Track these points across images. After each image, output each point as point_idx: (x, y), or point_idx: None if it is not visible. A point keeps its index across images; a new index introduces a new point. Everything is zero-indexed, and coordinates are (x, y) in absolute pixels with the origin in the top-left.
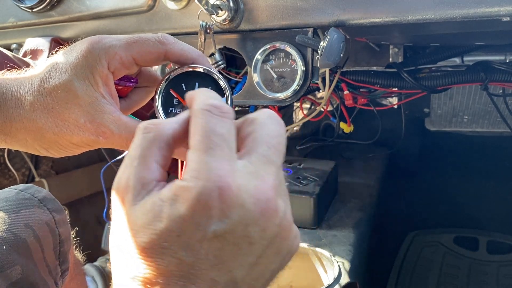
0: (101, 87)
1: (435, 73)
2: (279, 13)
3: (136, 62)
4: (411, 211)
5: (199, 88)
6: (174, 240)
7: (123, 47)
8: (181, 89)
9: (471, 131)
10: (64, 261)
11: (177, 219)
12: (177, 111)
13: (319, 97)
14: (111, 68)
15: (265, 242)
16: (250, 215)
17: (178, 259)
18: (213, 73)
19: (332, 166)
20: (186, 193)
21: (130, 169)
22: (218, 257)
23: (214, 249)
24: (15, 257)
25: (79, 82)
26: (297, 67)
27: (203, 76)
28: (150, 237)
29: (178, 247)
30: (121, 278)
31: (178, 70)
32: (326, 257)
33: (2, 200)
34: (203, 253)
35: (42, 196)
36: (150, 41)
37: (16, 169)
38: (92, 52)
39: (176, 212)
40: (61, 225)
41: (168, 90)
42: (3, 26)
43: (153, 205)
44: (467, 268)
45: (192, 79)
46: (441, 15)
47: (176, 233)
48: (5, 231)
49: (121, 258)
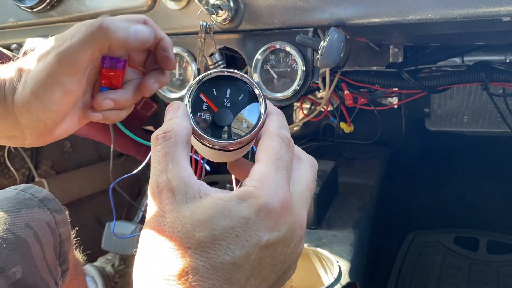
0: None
1: (435, 73)
2: (279, 13)
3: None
4: (411, 211)
5: (230, 93)
6: (232, 239)
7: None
8: (212, 94)
9: (471, 131)
10: (64, 261)
11: (241, 219)
12: (206, 116)
13: (319, 97)
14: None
15: (287, 265)
16: (290, 236)
17: (232, 257)
18: (247, 78)
19: (332, 166)
20: (253, 198)
21: (167, 172)
22: (259, 266)
23: (259, 257)
24: (16, 257)
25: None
26: (297, 67)
27: (235, 81)
28: (212, 232)
29: (235, 246)
30: (161, 273)
31: (212, 73)
32: (326, 257)
33: (2, 200)
34: (252, 258)
35: (43, 196)
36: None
37: (16, 169)
38: None
39: (241, 213)
40: (61, 225)
41: (198, 94)
42: (3, 26)
43: (213, 204)
44: (467, 268)
45: (224, 84)
46: (441, 15)
47: (237, 232)
48: (5, 231)
49: (164, 251)
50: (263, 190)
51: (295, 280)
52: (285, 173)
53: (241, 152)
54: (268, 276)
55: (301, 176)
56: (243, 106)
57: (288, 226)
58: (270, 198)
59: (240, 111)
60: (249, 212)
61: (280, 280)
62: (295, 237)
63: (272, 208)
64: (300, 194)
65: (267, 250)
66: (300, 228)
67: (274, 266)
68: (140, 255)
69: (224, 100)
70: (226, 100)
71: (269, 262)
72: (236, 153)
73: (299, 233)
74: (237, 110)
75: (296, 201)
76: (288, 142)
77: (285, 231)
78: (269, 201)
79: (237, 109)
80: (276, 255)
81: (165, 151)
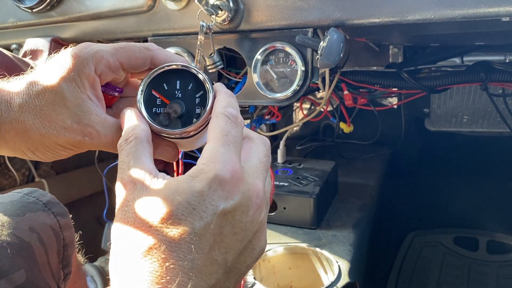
0: (88, 89)
1: (435, 73)
2: (279, 13)
3: (123, 67)
4: (411, 211)
5: (180, 85)
6: (190, 212)
7: (110, 52)
8: (163, 88)
9: (471, 131)
10: (67, 265)
11: (195, 193)
12: (161, 110)
13: (319, 97)
14: (97, 71)
15: (250, 234)
16: (246, 204)
17: (192, 228)
18: (191, 67)
19: (332, 166)
20: (203, 174)
21: (129, 168)
22: (220, 235)
23: (219, 226)
24: (20, 261)
25: (66, 84)
26: (297, 67)
27: (182, 73)
28: (170, 208)
29: (193, 218)
30: (129, 254)
31: (157, 70)
32: (326, 257)
33: (7, 203)
34: (212, 227)
35: (47, 200)
36: (136, 47)
37: (16, 170)
38: (80, 56)
39: (194, 188)
40: (65, 229)
41: (150, 91)
42: (3, 26)
43: (168, 185)
44: (467, 268)
45: (172, 77)
46: (441, 15)
47: (193, 205)
48: (10, 235)
49: (130, 235)
50: (212, 165)
51: (295, 280)
52: (232, 147)
53: (202, 136)
54: (232, 244)
55: (252, 153)
56: (194, 94)
57: (241, 194)
58: (219, 171)
59: (192, 100)
60: (202, 186)
61: (248, 251)
62: (252, 205)
63: (222, 178)
64: (252, 167)
65: (225, 219)
66: (256, 196)
67: (236, 234)
68: (112, 247)
69: (175, 92)
70: (177, 92)
71: (229, 231)
72: (197, 138)
73: (256, 201)
74: (189, 99)
75: (248, 172)
76: (234, 119)
77: (239, 199)
78: (218, 173)
79: (189, 98)
80: (236, 222)
81: (127, 152)
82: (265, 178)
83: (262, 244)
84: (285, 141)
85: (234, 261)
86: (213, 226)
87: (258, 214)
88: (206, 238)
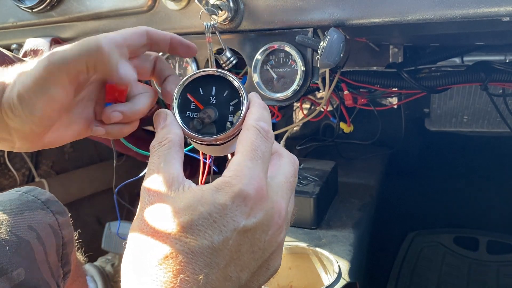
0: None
1: (435, 73)
2: (279, 13)
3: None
4: (411, 211)
5: (216, 91)
6: (210, 224)
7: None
8: (198, 93)
9: (471, 131)
10: (66, 263)
11: (218, 205)
12: (194, 115)
13: (319, 97)
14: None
15: (267, 254)
16: (268, 223)
17: (211, 242)
18: (227, 75)
19: (332, 166)
20: (228, 187)
21: (159, 170)
22: (237, 252)
23: (237, 243)
24: (19, 259)
25: None
26: (297, 67)
27: (218, 79)
28: (190, 217)
29: (213, 232)
30: (145, 260)
31: (194, 74)
32: (326, 257)
33: (5, 202)
34: (230, 243)
35: (46, 198)
36: (128, 28)
37: (16, 169)
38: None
39: (218, 200)
40: (64, 227)
41: (185, 95)
42: (3, 26)
43: (192, 193)
44: (467, 268)
45: (208, 83)
46: (441, 15)
47: (214, 218)
48: (8, 233)
49: (148, 240)
50: (238, 179)
51: (295, 280)
52: (261, 163)
53: (231, 144)
54: (248, 263)
55: (280, 170)
56: (228, 102)
57: (264, 213)
58: (245, 186)
59: (226, 107)
60: (225, 199)
61: (262, 270)
62: (273, 225)
63: (247, 194)
64: (278, 185)
65: (245, 236)
66: (278, 215)
67: (254, 253)
68: (128, 246)
69: (210, 98)
70: (212, 98)
71: (247, 249)
72: (227, 146)
73: (277, 221)
74: (223, 106)
75: (274, 190)
76: (265, 134)
77: (261, 217)
78: (244, 188)
79: (223, 105)
80: (255, 241)
81: (159, 155)
82: (289, 198)
83: (277, 264)
84: (285, 141)
85: (248, 280)
86: (231, 242)
87: (277, 235)
88: (223, 253)
